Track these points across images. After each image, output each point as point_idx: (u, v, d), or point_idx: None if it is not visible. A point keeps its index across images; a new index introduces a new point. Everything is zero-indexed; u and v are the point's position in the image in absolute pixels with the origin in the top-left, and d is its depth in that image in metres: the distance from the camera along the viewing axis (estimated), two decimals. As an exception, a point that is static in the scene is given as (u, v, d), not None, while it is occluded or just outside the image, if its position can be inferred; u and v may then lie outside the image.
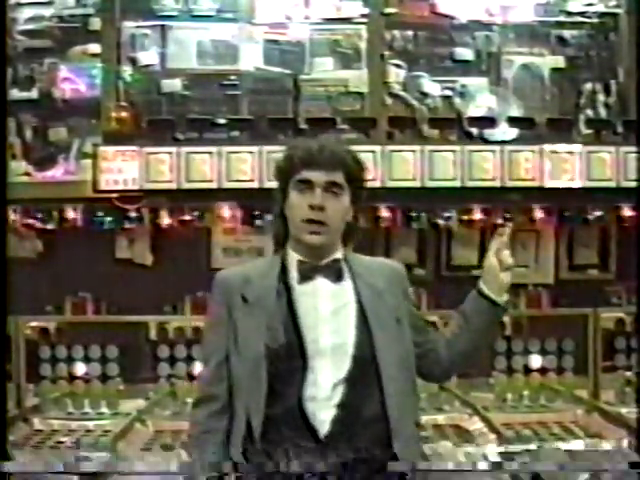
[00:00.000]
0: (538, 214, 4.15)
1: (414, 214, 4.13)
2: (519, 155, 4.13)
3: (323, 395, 2.27)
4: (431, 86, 4.29)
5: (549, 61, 4.33)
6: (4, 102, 3.19)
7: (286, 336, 2.30)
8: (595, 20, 4.35)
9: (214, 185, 4.07)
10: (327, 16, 4.25)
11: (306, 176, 2.33)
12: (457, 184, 4.11)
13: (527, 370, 4.19)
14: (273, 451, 2.27)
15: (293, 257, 2.39)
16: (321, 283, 2.36)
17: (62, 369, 4.14)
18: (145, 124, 4.15)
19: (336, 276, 2.37)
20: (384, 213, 4.10)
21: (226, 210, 4.08)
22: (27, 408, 3.96)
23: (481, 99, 4.30)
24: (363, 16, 4.23)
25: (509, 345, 4.20)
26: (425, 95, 4.28)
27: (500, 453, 3.22)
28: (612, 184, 4.13)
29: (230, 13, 4.25)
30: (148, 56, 4.22)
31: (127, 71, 4.20)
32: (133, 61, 4.21)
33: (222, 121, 4.16)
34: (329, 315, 2.33)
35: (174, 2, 4.24)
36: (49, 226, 4.13)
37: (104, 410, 4.03)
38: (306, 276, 2.36)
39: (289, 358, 2.28)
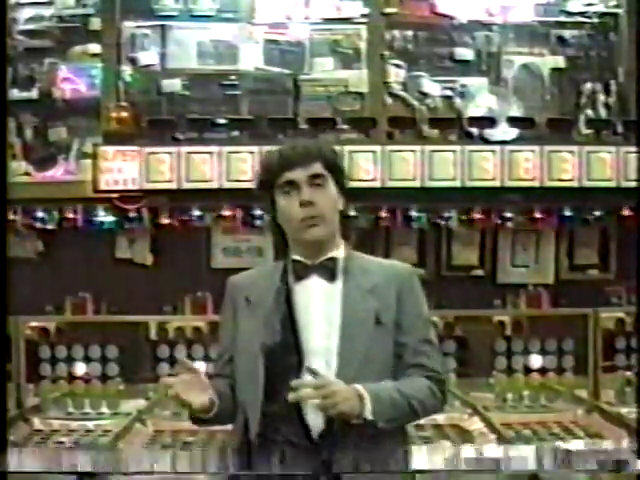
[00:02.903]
0: (538, 214, 4.16)
1: (414, 214, 4.13)
2: (519, 155, 4.13)
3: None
4: (431, 86, 4.28)
5: (549, 61, 4.33)
6: (4, 102, 3.20)
7: (282, 334, 2.31)
8: (595, 20, 4.34)
9: (214, 185, 4.07)
10: (327, 16, 4.25)
11: (287, 177, 2.34)
12: (457, 184, 4.12)
13: (527, 370, 4.18)
14: (269, 449, 2.27)
15: (291, 257, 2.40)
16: (315, 282, 2.37)
17: (62, 369, 4.14)
18: (145, 124, 4.16)
19: (329, 275, 2.37)
20: (384, 213, 4.10)
21: (226, 210, 4.08)
22: (27, 408, 3.96)
23: (481, 99, 4.30)
24: (363, 16, 4.23)
25: (509, 345, 4.20)
26: (425, 95, 4.28)
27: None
28: (612, 184, 4.14)
29: (230, 13, 4.25)
30: (148, 56, 4.22)
31: (127, 71, 4.19)
32: (133, 61, 4.21)
33: (222, 121, 4.16)
34: (321, 315, 2.34)
35: (174, 2, 4.23)
36: (49, 226, 4.13)
37: (104, 410, 4.03)
38: (300, 275, 2.37)
39: (285, 357, 2.29)
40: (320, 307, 2.34)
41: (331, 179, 2.37)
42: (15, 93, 4.14)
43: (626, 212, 4.15)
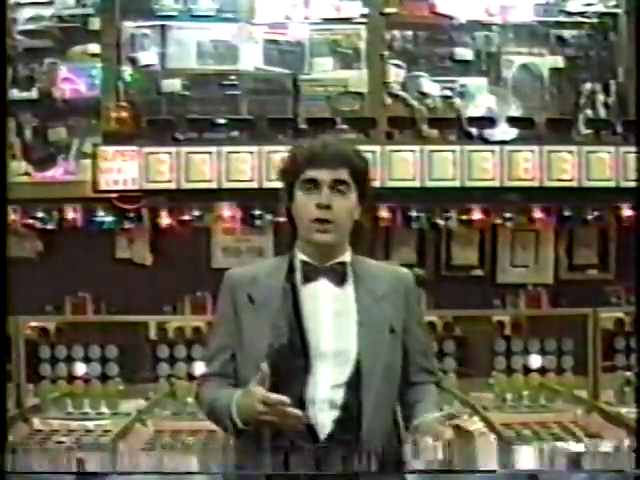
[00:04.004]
0: (538, 214, 4.16)
1: (414, 214, 4.13)
2: (519, 155, 4.14)
3: (323, 397, 2.28)
4: (431, 86, 4.29)
5: (548, 61, 4.33)
6: (4, 102, 3.20)
7: (289, 337, 2.30)
8: (594, 20, 4.35)
9: (214, 185, 4.08)
10: (327, 16, 4.25)
11: (311, 175, 2.33)
12: (457, 184, 4.12)
13: (527, 370, 4.18)
14: (275, 450, 2.27)
15: (299, 258, 2.39)
16: (323, 285, 2.36)
17: (62, 369, 4.13)
18: (145, 124, 4.16)
19: (339, 279, 2.37)
20: (384, 213, 4.10)
21: (226, 210, 4.09)
22: (27, 408, 3.95)
23: (481, 99, 4.30)
24: (363, 16, 4.23)
25: (509, 345, 4.20)
26: (425, 95, 4.28)
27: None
28: (611, 184, 4.14)
29: (230, 13, 4.25)
30: (148, 56, 4.22)
31: (127, 71, 4.20)
32: (133, 61, 4.22)
33: (222, 121, 4.17)
34: (330, 318, 2.34)
35: (174, 2, 4.24)
36: (49, 226, 4.13)
37: (104, 410, 4.02)
38: (309, 277, 2.37)
39: (292, 359, 2.28)
40: (329, 311, 2.34)
41: (354, 187, 2.36)
42: (15, 93, 4.14)
43: (625, 212, 4.15)
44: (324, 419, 2.27)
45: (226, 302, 2.43)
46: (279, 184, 2.46)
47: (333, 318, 2.33)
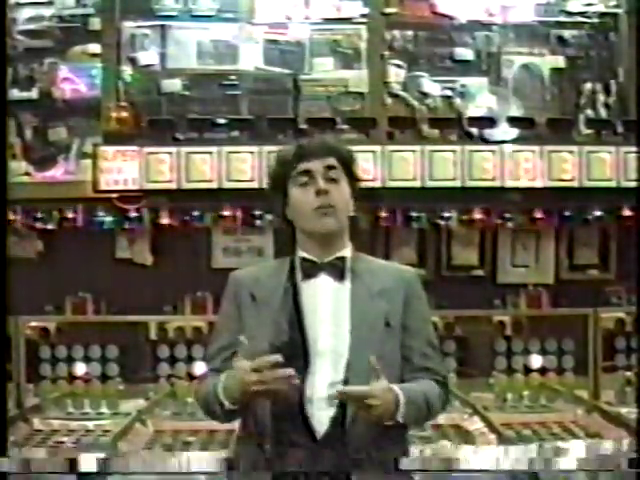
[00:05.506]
0: (538, 214, 4.16)
1: (414, 214, 4.13)
2: (519, 155, 4.14)
3: (320, 395, 2.27)
4: (431, 86, 4.29)
5: (549, 61, 4.33)
6: (4, 102, 3.19)
7: (289, 334, 2.31)
8: (595, 20, 4.35)
9: (214, 185, 4.08)
10: (327, 16, 4.26)
11: (304, 167, 2.35)
12: (457, 184, 4.12)
13: (527, 370, 4.18)
14: (274, 449, 2.27)
15: (299, 255, 2.40)
16: (323, 281, 2.37)
17: (62, 369, 4.13)
18: (145, 124, 4.16)
19: (338, 274, 2.37)
20: (384, 213, 4.10)
21: (226, 210, 4.09)
22: (27, 408, 3.96)
23: (481, 99, 4.30)
24: (363, 16, 4.24)
25: (509, 345, 4.20)
26: (425, 95, 4.29)
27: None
28: (612, 184, 4.14)
29: (230, 13, 4.25)
30: (148, 56, 4.23)
31: (127, 71, 4.20)
32: (133, 61, 4.22)
33: (222, 121, 4.17)
34: (329, 315, 2.34)
35: (174, 2, 4.24)
36: (49, 226, 4.14)
37: (104, 410, 4.03)
38: (309, 274, 2.37)
39: (291, 356, 2.28)
40: (328, 307, 2.34)
41: (344, 175, 2.39)
42: (15, 93, 4.15)
43: (626, 212, 4.15)
44: (322, 417, 2.26)
45: (230, 302, 2.44)
46: (271, 190, 2.45)
47: (331, 315, 2.33)
